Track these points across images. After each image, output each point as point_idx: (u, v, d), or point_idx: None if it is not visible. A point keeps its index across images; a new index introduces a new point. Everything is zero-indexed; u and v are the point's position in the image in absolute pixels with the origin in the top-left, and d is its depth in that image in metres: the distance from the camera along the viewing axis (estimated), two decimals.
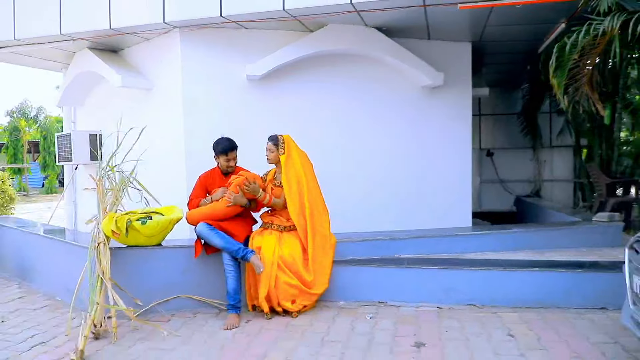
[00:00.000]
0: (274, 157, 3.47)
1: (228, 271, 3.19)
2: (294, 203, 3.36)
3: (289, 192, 3.38)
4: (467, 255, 3.93)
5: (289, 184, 3.39)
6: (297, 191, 3.39)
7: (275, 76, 4.86)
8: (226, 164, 3.48)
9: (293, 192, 3.38)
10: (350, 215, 4.61)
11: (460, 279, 3.46)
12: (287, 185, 3.39)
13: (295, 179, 3.41)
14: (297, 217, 3.36)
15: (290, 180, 3.39)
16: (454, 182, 5.47)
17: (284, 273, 3.24)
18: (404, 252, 3.82)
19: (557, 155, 8.49)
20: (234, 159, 3.52)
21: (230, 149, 3.48)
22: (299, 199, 3.39)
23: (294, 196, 3.38)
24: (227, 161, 3.47)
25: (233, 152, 3.50)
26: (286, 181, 3.39)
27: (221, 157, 3.47)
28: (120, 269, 3.31)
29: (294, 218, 3.36)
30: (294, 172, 3.42)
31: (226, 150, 3.46)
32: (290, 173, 3.41)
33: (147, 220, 3.16)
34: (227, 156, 3.46)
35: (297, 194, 3.39)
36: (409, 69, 5.01)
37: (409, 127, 5.32)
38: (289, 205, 3.36)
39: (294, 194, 3.38)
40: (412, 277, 3.48)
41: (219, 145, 3.50)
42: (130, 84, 4.96)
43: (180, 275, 3.43)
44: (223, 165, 3.50)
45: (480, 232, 4.05)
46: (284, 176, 3.42)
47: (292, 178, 3.40)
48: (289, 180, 3.39)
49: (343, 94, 5.11)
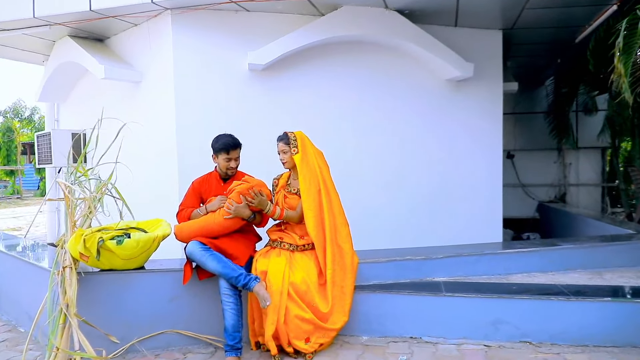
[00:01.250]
0: (288, 159, 2.84)
1: (226, 303, 2.54)
2: (314, 214, 2.73)
3: (307, 200, 2.74)
4: (512, 277, 3.29)
5: (308, 190, 2.75)
6: (317, 199, 2.76)
7: (280, 66, 4.23)
8: (226, 164, 2.86)
9: (312, 200, 2.74)
10: (363, 226, 3.97)
11: (510, 309, 2.82)
12: (305, 191, 2.75)
13: (314, 183, 2.78)
14: (317, 232, 2.72)
15: (309, 185, 2.76)
16: (482, 189, 4.85)
17: (295, 305, 2.60)
18: (438, 275, 3.18)
19: (584, 157, 7.86)
20: (236, 159, 2.89)
21: (233, 146, 2.85)
22: (318, 209, 2.76)
23: (313, 205, 2.74)
24: (227, 160, 2.85)
25: (235, 151, 2.87)
26: (304, 187, 2.76)
27: (221, 155, 2.85)
28: (92, 299, 2.67)
29: (313, 233, 2.72)
30: (312, 174, 2.79)
31: (227, 147, 2.83)
32: (307, 176, 2.78)
33: (123, 239, 2.51)
34: (229, 154, 2.83)
35: (317, 202, 2.76)
36: (434, 59, 4.38)
37: (431, 125, 4.69)
38: (308, 217, 2.72)
39: (313, 203, 2.74)
40: (452, 306, 2.84)
41: (218, 141, 2.87)
42: (115, 76, 4.33)
43: (168, 305, 2.79)
44: (222, 166, 2.88)
45: (524, 249, 3.41)
46: (302, 180, 2.78)
47: (310, 182, 2.77)
48: (307, 186, 2.75)
49: (357, 88, 4.48)
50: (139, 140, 4.40)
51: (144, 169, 4.39)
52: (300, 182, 2.80)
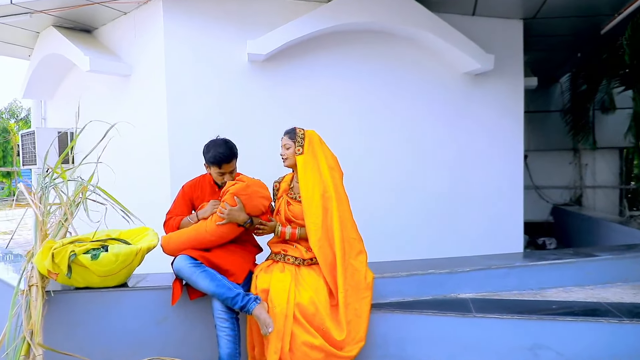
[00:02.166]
0: (290, 155, 2.45)
1: (221, 329, 2.15)
2: (316, 227, 2.34)
3: (309, 209, 2.35)
4: (546, 292, 2.91)
5: (311, 197, 2.36)
6: (320, 207, 2.36)
7: (282, 58, 3.85)
8: (220, 179, 2.45)
9: (315, 209, 2.35)
10: (371, 234, 3.59)
11: (551, 333, 2.43)
12: (307, 199, 2.36)
13: (318, 189, 2.38)
14: (321, 246, 2.33)
15: (312, 191, 2.37)
16: (502, 193, 4.48)
17: (302, 329, 2.21)
18: (464, 290, 2.80)
19: (601, 158, 7.47)
20: (231, 172, 2.45)
21: (226, 160, 2.38)
22: (322, 220, 2.36)
23: (316, 214, 2.35)
24: (220, 175, 2.42)
25: (229, 164, 2.40)
26: (306, 193, 2.37)
27: (212, 168, 2.42)
28: (65, 322, 2.29)
29: (316, 248, 2.33)
30: (316, 179, 2.40)
31: (219, 161, 2.36)
32: (310, 181, 2.39)
33: (99, 253, 2.13)
34: (221, 169, 2.39)
35: (321, 211, 2.37)
36: (452, 50, 4.01)
37: (446, 123, 4.32)
38: (310, 230, 2.34)
39: (315, 212, 2.35)
40: (483, 329, 2.46)
41: (209, 150, 2.40)
42: (101, 68, 3.95)
43: (154, 328, 2.40)
44: (215, 179, 2.49)
45: (558, 260, 3.02)
46: (302, 186, 2.39)
47: (314, 188, 2.38)
48: (309, 192, 2.36)
49: (366, 82, 4.11)
50: (127, 140, 4.01)
51: (132, 171, 4.01)
52: (301, 187, 2.41)
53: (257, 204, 2.37)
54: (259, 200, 2.38)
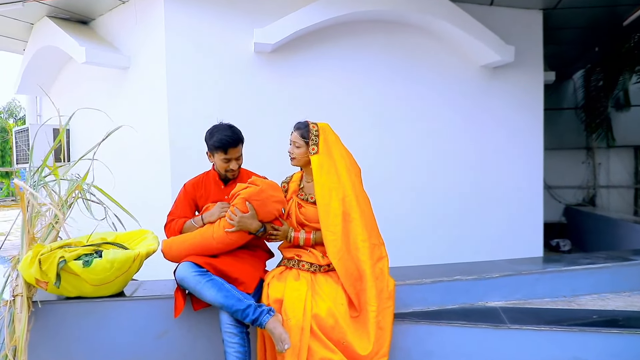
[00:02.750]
0: (300, 154, 2.19)
1: (229, 344, 1.91)
2: (334, 235, 2.08)
3: (326, 216, 2.09)
4: (580, 299, 2.67)
5: (328, 204, 2.10)
6: (340, 215, 2.10)
7: (291, 48, 3.63)
8: (225, 166, 2.19)
9: (333, 217, 2.09)
10: (386, 236, 3.37)
11: (593, 346, 2.20)
12: (324, 205, 2.10)
13: (336, 194, 2.13)
14: (341, 258, 2.07)
15: (330, 196, 2.11)
16: (521, 193, 4.26)
17: (320, 344, 1.97)
18: (492, 298, 2.57)
19: (615, 157, 7.24)
20: (237, 158, 2.21)
21: (232, 144, 2.13)
22: (342, 228, 2.10)
23: (334, 223, 2.09)
24: (225, 162, 2.17)
25: (236, 149, 2.17)
26: (322, 200, 2.11)
27: (217, 154, 2.17)
28: (54, 335, 2.05)
29: (335, 260, 2.06)
30: (333, 182, 2.15)
31: (225, 146, 2.12)
32: (327, 184, 2.13)
33: (92, 260, 1.89)
34: (227, 154, 2.15)
35: (341, 219, 2.11)
36: (471, 41, 3.78)
37: (464, 119, 4.09)
38: (328, 239, 2.08)
39: (334, 220, 2.09)
40: (517, 342, 2.23)
41: (213, 135, 2.16)
42: (98, 60, 3.72)
43: (154, 343, 2.17)
44: (220, 168, 2.22)
45: (593, 265, 2.79)
46: (319, 190, 2.13)
47: (331, 192, 2.12)
48: (326, 198, 2.10)
49: (379, 76, 3.88)
50: (125, 137, 3.78)
51: (130, 169, 3.78)
52: (316, 192, 2.15)
53: (270, 210, 2.13)
54: (273, 205, 2.13)
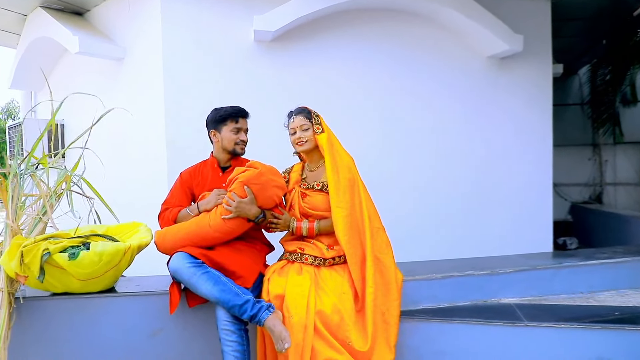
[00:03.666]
0: (310, 136, 2.08)
1: (226, 343, 1.77)
2: (346, 212, 1.96)
3: (337, 194, 1.97)
4: (598, 296, 2.54)
5: (338, 181, 1.99)
6: (348, 191, 2.00)
7: (292, 37, 3.49)
8: (235, 137, 2.13)
9: (343, 194, 1.98)
10: (395, 235, 3.23)
11: (614, 343, 2.07)
12: (334, 182, 1.99)
13: (345, 171, 2.03)
14: (350, 237, 1.95)
15: (339, 173, 2.01)
16: (529, 190, 4.12)
17: (325, 343, 1.83)
18: (506, 294, 2.43)
19: (622, 154, 7.10)
20: (246, 130, 2.19)
21: (243, 112, 2.15)
22: (351, 205, 1.99)
23: (345, 199, 1.98)
24: (236, 132, 2.13)
25: (245, 120, 2.17)
26: (333, 176, 2.00)
27: (226, 126, 2.12)
28: (38, 334, 1.91)
29: (344, 239, 1.95)
30: (343, 157, 2.06)
31: (236, 114, 2.12)
32: (337, 160, 2.03)
33: (79, 252, 1.75)
34: (238, 123, 2.13)
35: (349, 196, 2.00)
36: (478, 30, 3.65)
37: (471, 112, 3.95)
38: (337, 217, 1.96)
39: (343, 196, 1.98)
40: (535, 340, 2.09)
41: (220, 110, 2.15)
42: (92, 50, 3.59)
43: (147, 341, 2.03)
44: (229, 141, 2.13)
45: (611, 259, 2.65)
46: (330, 167, 2.01)
47: (340, 170, 2.02)
48: (336, 175, 2.00)
49: (384, 66, 3.75)
50: (120, 130, 3.67)
51: (125, 162, 3.65)
52: (327, 169, 2.03)
53: (270, 195, 2.01)
54: (273, 190, 2.01)
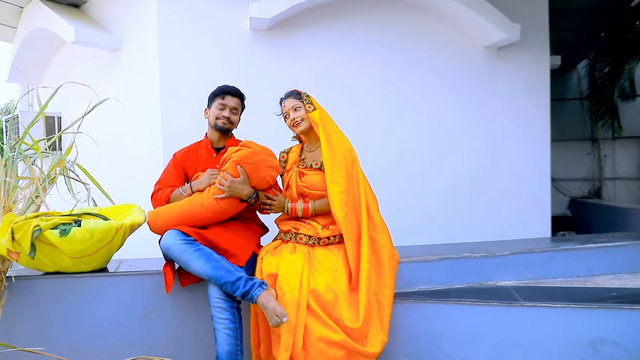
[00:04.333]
0: (304, 116, 2.07)
1: (218, 321, 1.76)
2: (340, 186, 1.95)
3: (331, 168, 1.96)
4: (596, 279, 2.52)
5: (333, 156, 1.98)
6: (344, 167, 1.98)
7: (289, 26, 3.48)
8: (218, 113, 2.14)
9: (338, 169, 1.97)
10: (394, 225, 3.21)
11: (615, 325, 2.04)
12: (328, 156, 1.98)
13: (340, 146, 2.02)
14: (347, 212, 1.93)
15: (335, 149, 2.00)
16: (527, 182, 4.09)
17: (319, 322, 1.81)
18: (502, 277, 2.41)
19: (621, 148, 7.09)
20: (233, 110, 2.17)
21: (232, 91, 2.19)
22: (347, 181, 1.97)
23: (340, 175, 1.96)
24: (221, 107, 2.14)
25: (233, 99, 2.18)
26: (328, 152, 1.98)
27: (214, 104, 2.17)
28: (30, 313, 1.90)
29: (340, 215, 1.92)
30: (337, 133, 2.06)
31: (222, 91, 2.16)
32: (331, 135, 2.03)
33: (70, 229, 1.74)
34: (223, 100, 2.15)
35: (345, 171, 1.98)
36: (475, 19, 3.63)
37: (470, 102, 3.92)
38: (333, 192, 1.94)
39: (339, 172, 1.97)
40: (533, 321, 2.07)
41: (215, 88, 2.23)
42: (87, 40, 3.58)
43: (139, 322, 2.01)
44: (213, 117, 2.16)
45: (610, 243, 2.63)
46: (324, 140, 2.00)
47: (336, 146, 2.01)
48: (330, 147, 1.99)
49: (380, 55, 3.72)
50: (116, 119, 3.66)
51: (121, 153, 3.64)
52: (322, 144, 2.02)
53: (264, 175, 2.00)
54: (266, 170, 2.00)
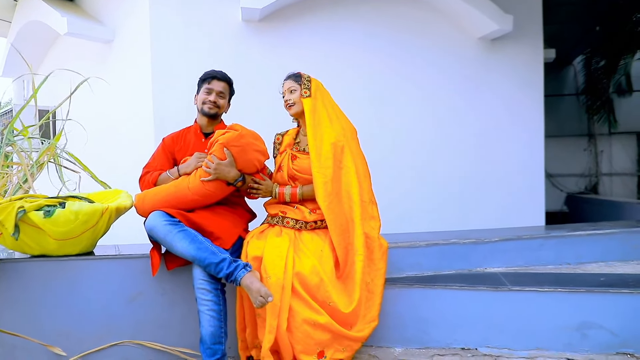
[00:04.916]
0: (298, 100, 2.08)
1: (203, 302, 1.75)
2: (325, 177, 1.95)
3: (317, 158, 1.96)
4: (586, 267, 2.52)
5: (317, 144, 1.98)
6: (331, 157, 1.98)
7: (281, 18, 3.48)
8: (204, 97, 2.14)
9: (324, 159, 1.97)
10: (389, 217, 3.20)
11: (602, 309, 2.04)
12: (314, 146, 1.98)
13: (328, 137, 2.01)
14: (330, 202, 1.93)
15: (321, 137, 1.99)
16: (521, 176, 4.10)
17: (304, 304, 1.81)
18: (492, 264, 2.41)
19: (617, 144, 7.08)
20: (220, 94, 2.16)
21: (219, 75, 2.17)
22: (333, 172, 1.97)
23: (325, 165, 1.96)
24: (207, 92, 2.14)
25: (220, 83, 2.16)
26: (312, 138, 1.99)
27: (202, 89, 2.17)
28: (15, 296, 1.89)
29: (324, 204, 1.93)
30: (325, 124, 2.03)
31: (211, 74, 2.16)
32: (319, 125, 2.02)
33: (55, 210, 1.74)
34: (210, 84, 2.14)
35: (332, 162, 1.98)
36: (468, 10, 3.63)
37: (464, 94, 3.92)
38: (317, 179, 1.95)
39: (325, 162, 1.96)
40: (520, 305, 2.07)
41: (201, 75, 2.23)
42: (80, 32, 3.59)
43: (126, 306, 2.01)
44: (200, 101, 2.16)
45: (600, 230, 2.63)
46: (310, 130, 2.01)
47: (323, 134, 2.00)
48: (316, 137, 1.99)
49: (373, 47, 3.71)
50: (109, 110, 3.66)
51: (113, 143, 3.64)
52: (308, 133, 2.02)
53: (251, 159, 2.00)
54: (253, 154, 2.00)
